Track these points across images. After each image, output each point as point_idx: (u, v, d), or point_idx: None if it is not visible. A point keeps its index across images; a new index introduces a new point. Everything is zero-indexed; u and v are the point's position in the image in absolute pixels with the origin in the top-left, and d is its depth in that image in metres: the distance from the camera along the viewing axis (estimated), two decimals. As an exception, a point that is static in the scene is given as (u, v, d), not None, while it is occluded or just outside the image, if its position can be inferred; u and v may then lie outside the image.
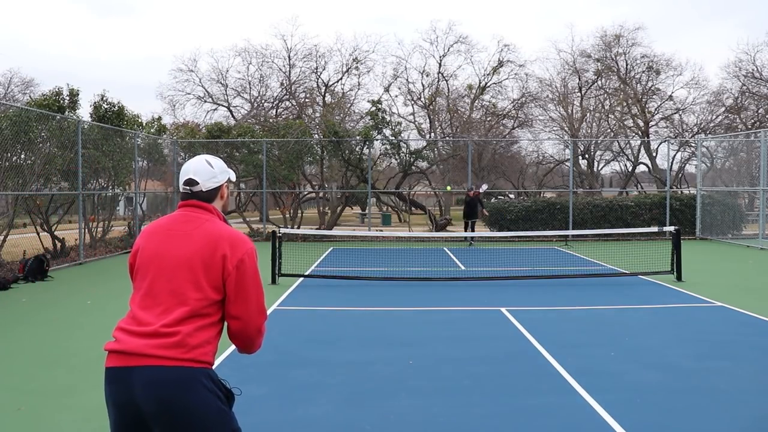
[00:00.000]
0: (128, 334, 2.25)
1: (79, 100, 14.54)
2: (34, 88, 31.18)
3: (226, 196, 2.47)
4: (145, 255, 2.35)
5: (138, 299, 2.34)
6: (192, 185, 2.36)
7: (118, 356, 2.20)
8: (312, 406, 4.57)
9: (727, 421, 4.24)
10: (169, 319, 2.22)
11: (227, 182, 2.45)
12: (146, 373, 2.14)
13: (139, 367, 2.15)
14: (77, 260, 13.16)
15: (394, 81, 31.20)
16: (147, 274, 2.33)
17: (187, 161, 2.44)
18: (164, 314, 2.24)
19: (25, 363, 5.76)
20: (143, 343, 2.18)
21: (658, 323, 7.41)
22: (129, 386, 2.15)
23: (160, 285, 2.29)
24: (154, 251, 2.33)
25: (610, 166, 34.48)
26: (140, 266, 2.37)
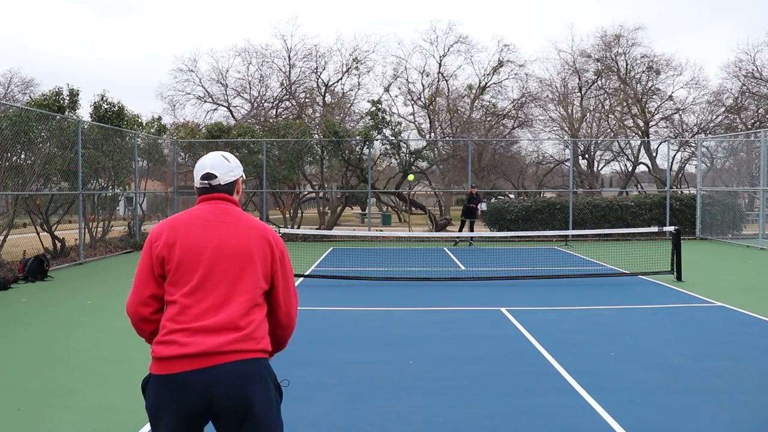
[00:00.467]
0: (194, 333, 2.15)
1: (79, 100, 14.54)
2: (34, 88, 31.20)
3: (241, 192, 2.49)
4: (189, 247, 2.24)
5: (188, 293, 2.21)
6: (210, 179, 2.35)
7: (189, 360, 2.11)
8: (312, 406, 4.57)
9: (727, 421, 4.24)
10: (234, 312, 2.18)
11: (242, 177, 2.47)
12: (228, 370, 2.12)
13: (220, 365, 2.12)
14: (77, 260, 13.16)
15: (394, 81, 31.22)
16: (197, 266, 2.22)
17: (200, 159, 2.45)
18: (225, 307, 2.19)
19: (25, 363, 5.76)
20: (219, 340, 2.13)
21: (658, 323, 7.41)
22: (206, 387, 2.10)
23: (217, 277, 2.22)
24: (199, 244, 2.24)
25: (610, 166, 34.50)
26: (184, 259, 2.23)
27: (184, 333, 2.15)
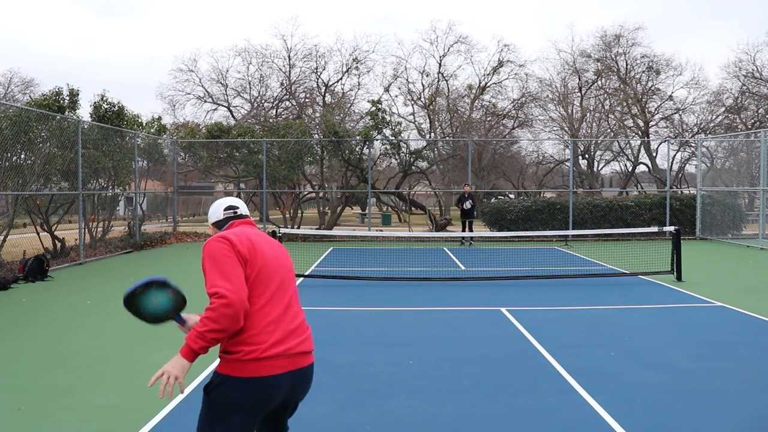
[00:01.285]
0: (291, 335, 2.49)
1: (79, 100, 14.54)
2: (34, 88, 31.20)
3: None
4: (268, 260, 2.56)
5: (269, 300, 2.49)
6: (235, 209, 2.84)
7: (293, 358, 2.45)
8: (312, 406, 4.57)
9: (727, 421, 4.24)
10: (302, 318, 2.60)
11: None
12: (311, 367, 2.57)
13: (310, 364, 2.56)
14: (77, 260, 13.16)
15: (394, 81, 31.22)
16: (273, 277, 2.54)
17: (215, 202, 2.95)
18: (298, 313, 2.58)
19: (25, 363, 5.76)
20: (306, 343, 2.54)
21: (658, 323, 7.41)
22: (301, 382, 2.53)
23: (286, 287, 2.57)
24: (272, 257, 2.59)
25: (610, 166, 34.51)
26: (265, 266, 2.53)
27: (284, 333, 2.46)
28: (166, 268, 12.84)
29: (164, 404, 4.52)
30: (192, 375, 5.24)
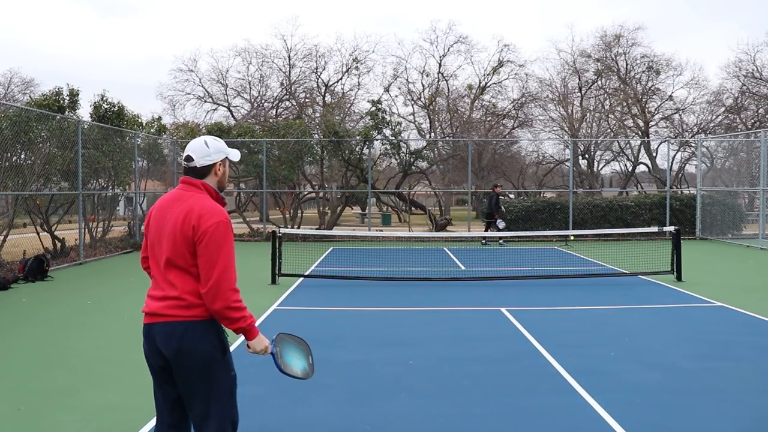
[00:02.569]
0: (150, 298, 2.76)
1: (79, 100, 14.54)
2: (34, 88, 31.23)
3: (221, 174, 2.80)
4: (152, 227, 2.78)
5: (152, 266, 2.81)
6: (188, 161, 2.77)
7: (146, 316, 2.74)
8: (312, 406, 4.57)
9: (727, 421, 4.24)
10: (168, 286, 2.68)
11: (222, 162, 2.80)
12: (155, 327, 2.69)
13: (154, 323, 2.70)
14: (77, 260, 13.16)
15: (394, 81, 31.24)
16: (153, 245, 2.77)
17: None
18: (163, 281, 2.70)
19: (25, 363, 5.76)
20: (158, 305, 2.69)
21: (658, 323, 7.41)
22: (149, 338, 2.72)
23: (158, 253, 2.73)
24: (155, 225, 2.76)
25: (610, 166, 34.53)
26: (151, 238, 2.79)
27: (148, 297, 2.79)
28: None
29: (164, 404, 4.53)
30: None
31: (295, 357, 3.00)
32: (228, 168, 2.86)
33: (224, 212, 2.69)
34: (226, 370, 2.76)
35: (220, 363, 2.71)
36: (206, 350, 2.66)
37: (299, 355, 3.04)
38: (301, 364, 3.02)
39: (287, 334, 3.04)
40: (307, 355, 3.10)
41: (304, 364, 3.04)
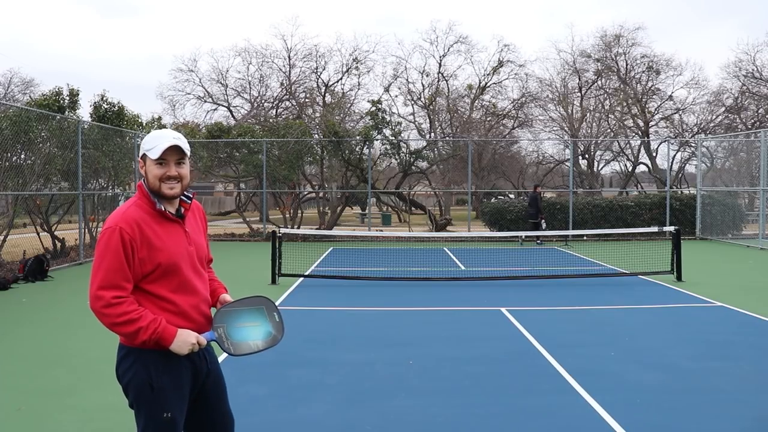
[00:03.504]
0: None
1: (79, 100, 14.54)
2: (34, 88, 31.22)
3: (145, 172, 2.49)
4: None
5: None
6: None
7: None
8: (312, 406, 4.57)
9: (727, 421, 4.24)
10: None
11: (141, 158, 2.49)
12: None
13: None
14: (77, 260, 13.16)
15: (394, 81, 31.22)
16: None
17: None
18: None
19: (25, 363, 5.76)
20: None
21: (658, 323, 7.41)
22: None
23: None
24: None
25: (610, 166, 34.50)
26: None
27: None
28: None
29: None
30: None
31: (249, 326, 2.46)
32: (155, 168, 2.43)
33: (116, 218, 2.37)
34: (154, 410, 2.41)
35: (146, 400, 2.41)
36: (132, 381, 2.43)
37: (255, 320, 2.48)
38: (260, 331, 2.47)
39: (228, 305, 2.53)
40: (268, 313, 2.51)
41: (267, 327, 2.48)
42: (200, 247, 2.59)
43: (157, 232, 2.40)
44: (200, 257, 2.57)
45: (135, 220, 2.37)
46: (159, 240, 2.39)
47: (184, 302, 2.44)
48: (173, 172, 2.42)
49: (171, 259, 2.40)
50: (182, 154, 2.43)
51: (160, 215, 2.44)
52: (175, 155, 2.42)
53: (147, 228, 2.38)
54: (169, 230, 2.45)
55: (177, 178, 2.43)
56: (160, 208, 2.43)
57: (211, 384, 2.60)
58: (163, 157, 2.40)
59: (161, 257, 2.38)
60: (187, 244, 2.49)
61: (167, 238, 2.42)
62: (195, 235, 2.56)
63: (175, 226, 2.48)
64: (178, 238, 2.47)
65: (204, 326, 2.51)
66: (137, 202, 2.44)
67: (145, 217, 2.41)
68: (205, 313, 2.56)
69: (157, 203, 2.43)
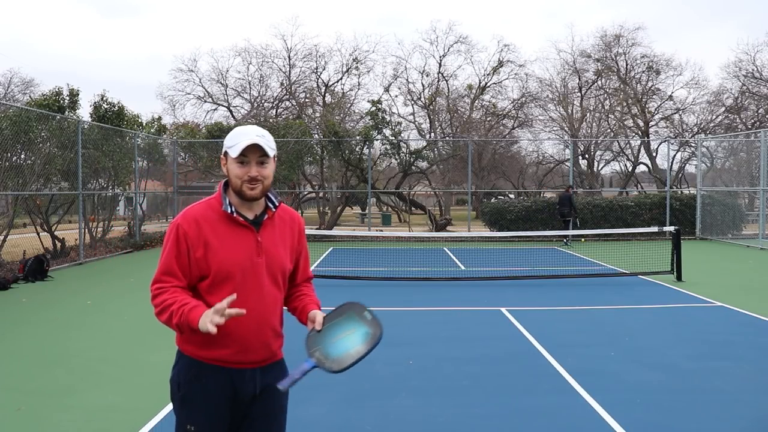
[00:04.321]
0: None
1: (79, 100, 14.55)
2: (34, 88, 31.21)
3: (226, 171, 2.28)
4: None
5: None
6: None
7: None
8: (312, 406, 4.57)
9: (727, 421, 4.24)
10: None
11: (224, 156, 2.28)
12: None
13: None
14: (77, 260, 13.16)
15: (394, 81, 31.22)
16: None
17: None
18: None
19: (25, 363, 5.76)
20: None
21: (658, 323, 7.41)
22: None
23: None
24: None
25: (610, 166, 34.50)
26: None
27: None
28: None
29: (164, 404, 4.53)
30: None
31: (345, 337, 2.24)
32: (236, 167, 2.22)
33: (181, 213, 2.24)
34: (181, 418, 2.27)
35: (176, 405, 2.30)
36: (171, 380, 2.33)
37: (348, 328, 2.26)
38: (357, 336, 2.24)
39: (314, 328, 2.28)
40: (359, 315, 2.29)
41: (362, 329, 2.25)
42: (274, 261, 2.28)
43: (219, 234, 2.20)
44: (272, 272, 2.27)
45: (195, 218, 2.20)
46: (218, 242, 2.19)
47: (233, 319, 2.13)
48: (254, 172, 2.20)
49: (224, 265, 2.18)
50: (265, 153, 2.21)
51: (227, 217, 2.23)
52: (257, 154, 2.20)
53: (208, 228, 2.19)
54: (236, 235, 2.22)
55: (259, 179, 2.22)
56: (226, 210, 2.22)
57: (258, 411, 2.33)
58: (244, 155, 2.18)
59: (215, 261, 2.17)
60: (254, 254, 2.22)
61: (230, 243, 2.20)
62: (272, 246, 2.27)
63: (244, 232, 2.23)
64: (245, 245, 2.22)
65: (256, 351, 2.26)
66: (210, 200, 2.27)
67: (211, 216, 2.22)
68: (261, 339, 2.27)
69: (224, 204, 2.22)
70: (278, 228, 2.34)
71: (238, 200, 2.25)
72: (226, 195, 2.26)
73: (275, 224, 2.33)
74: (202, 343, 2.20)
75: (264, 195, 2.28)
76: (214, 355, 2.23)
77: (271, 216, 2.32)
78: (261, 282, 2.24)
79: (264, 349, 2.29)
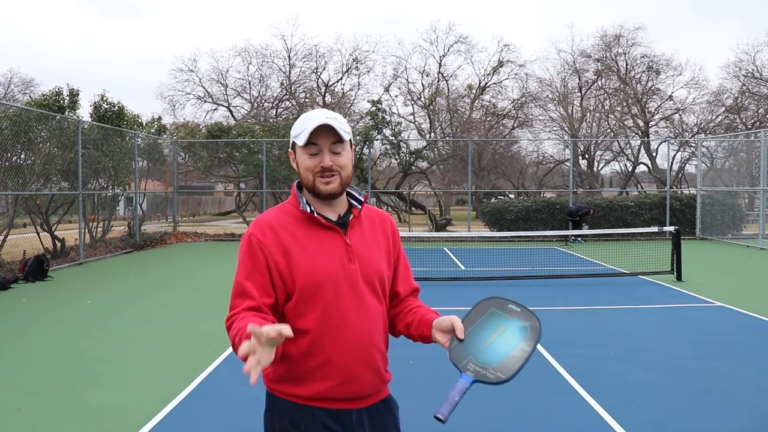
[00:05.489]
0: None
1: (79, 100, 14.55)
2: (34, 88, 31.23)
3: (296, 167, 1.90)
4: None
5: None
6: None
7: None
8: (312, 406, 4.56)
9: (727, 421, 4.24)
10: None
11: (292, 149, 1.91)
12: None
13: None
14: (77, 260, 13.16)
15: (394, 81, 31.25)
16: None
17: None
18: None
19: (25, 363, 5.76)
20: None
21: (658, 323, 7.41)
22: None
23: None
24: None
25: (610, 166, 34.53)
26: None
27: None
28: (166, 269, 12.84)
29: (164, 404, 4.53)
30: (190, 376, 5.24)
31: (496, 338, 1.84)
32: (306, 158, 1.85)
33: (255, 222, 1.89)
34: None
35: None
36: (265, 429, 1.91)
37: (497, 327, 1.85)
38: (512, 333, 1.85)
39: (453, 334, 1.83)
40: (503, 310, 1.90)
41: (515, 324, 1.87)
42: (370, 266, 1.88)
43: (300, 238, 1.83)
44: (369, 279, 1.87)
45: (269, 224, 1.85)
46: (300, 249, 1.81)
47: (331, 342, 1.79)
48: (327, 161, 1.81)
49: (311, 275, 1.79)
50: (339, 137, 1.81)
51: (308, 219, 1.86)
52: (329, 138, 1.81)
53: (285, 233, 1.83)
54: (320, 239, 1.84)
55: (334, 170, 1.83)
56: (305, 210, 1.85)
57: None
58: (313, 141, 1.81)
59: (299, 272, 1.79)
60: (345, 260, 1.83)
61: (314, 249, 1.82)
62: (363, 249, 1.88)
63: (329, 235, 1.85)
64: (333, 249, 1.84)
65: (364, 381, 1.87)
66: (283, 204, 1.92)
67: (288, 220, 1.86)
68: (369, 363, 1.87)
69: (302, 203, 1.86)
70: (368, 229, 1.94)
71: (315, 200, 1.89)
72: (301, 195, 1.90)
73: (363, 225, 1.94)
74: (297, 377, 1.79)
75: (343, 190, 1.88)
76: (313, 390, 1.80)
77: (357, 216, 1.92)
78: (359, 292, 1.84)
79: (373, 377, 1.90)
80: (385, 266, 1.95)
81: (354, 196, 1.94)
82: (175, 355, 6.00)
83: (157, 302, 8.89)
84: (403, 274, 2.06)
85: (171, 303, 8.84)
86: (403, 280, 2.06)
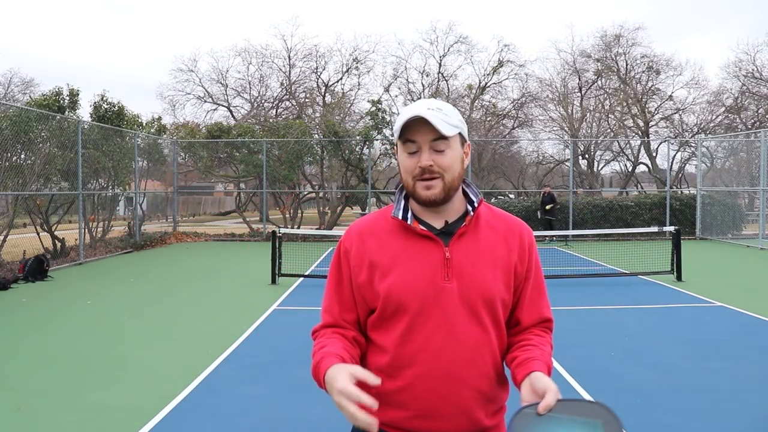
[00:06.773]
0: None
1: (79, 100, 14.55)
2: (34, 88, 31.21)
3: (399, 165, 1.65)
4: None
5: None
6: None
7: None
8: (312, 406, 4.57)
9: (727, 421, 4.24)
10: None
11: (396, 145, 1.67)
12: None
13: None
14: (77, 260, 13.16)
15: (394, 81, 31.21)
16: None
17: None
18: None
19: (25, 363, 5.76)
20: None
21: (658, 323, 7.41)
22: None
23: None
24: None
25: (610, 166, 34.48)
26: None
27: None
28: (166, 269, 12.84)
29: (164, 404, 4.53)
30: (186, 380, 5.24)
31: None
32: (405, 158, 1.59)
33: (348, 228, 1.72)
34: None
35: None
36: None
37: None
38: None
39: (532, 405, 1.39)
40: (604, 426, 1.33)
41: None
42: (474, 286, 1.57)
43: (390, 249, 1.60)
44: (470, 302, 1.56)
45: (359, 231, 1.65)
46: (387, 260, 1.58)
47: (409, 368, 1.56)
48: (426, 161, 1.53)
49: (395, 292, 1.56)
50: (440, 133, 1.51)
51: (400, 227, 1.62)
52: (428, 135, 1.53)
53: (373, 242, 1.62)
54: (414, 250, 1.59)
55: (436, 171, 1.54)
56: (396, 216, 1.61)
57: None
58: (409, 137, 1.54)
59: (382, 286, 1.57)
60: (439, 277, 1.56)
61: (404, 262, 1.58)
62: (468, 265, 1.57)
63: (426, 246, 1.58)
64: (426, 264, 1.57)
65: (446, 419, 1.55)
66: (386, 208, 1.69)
67: (380, 227, 1.64)
68: (455, 402, 1.55)
69: (396, 209, 1.63)
70: (483, 241, 1.61)
71: (419, 206, 1.63)
72: (401, 199, 1.66)
73: (479, 235, 1.62)
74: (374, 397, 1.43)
75: (447, 196, 1.57)
76: (388, 417, 1.58)
77: (471, 223, 1.62)
78: (452, 317, 1.55)
79: (460, 418, 1.56)
80: (501, 287, 1.60)
81: (470, 199, 1.64)
82: (175, 355, 6.00)
83: (157, 302, 8.89)
84: (530, 299, 1.68)
85: (171, 303, 8.84)
86: (530, 306, 1.68)
